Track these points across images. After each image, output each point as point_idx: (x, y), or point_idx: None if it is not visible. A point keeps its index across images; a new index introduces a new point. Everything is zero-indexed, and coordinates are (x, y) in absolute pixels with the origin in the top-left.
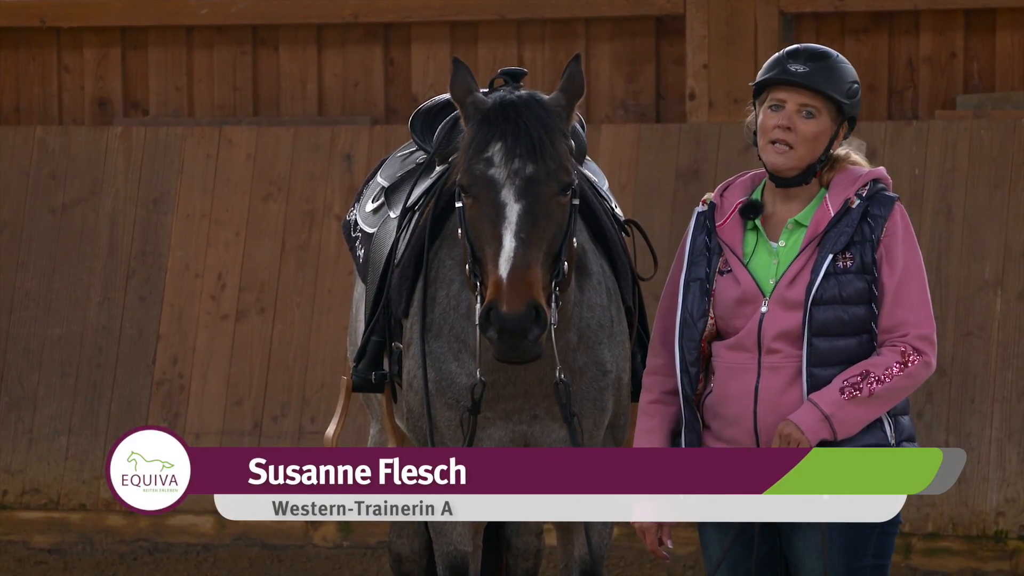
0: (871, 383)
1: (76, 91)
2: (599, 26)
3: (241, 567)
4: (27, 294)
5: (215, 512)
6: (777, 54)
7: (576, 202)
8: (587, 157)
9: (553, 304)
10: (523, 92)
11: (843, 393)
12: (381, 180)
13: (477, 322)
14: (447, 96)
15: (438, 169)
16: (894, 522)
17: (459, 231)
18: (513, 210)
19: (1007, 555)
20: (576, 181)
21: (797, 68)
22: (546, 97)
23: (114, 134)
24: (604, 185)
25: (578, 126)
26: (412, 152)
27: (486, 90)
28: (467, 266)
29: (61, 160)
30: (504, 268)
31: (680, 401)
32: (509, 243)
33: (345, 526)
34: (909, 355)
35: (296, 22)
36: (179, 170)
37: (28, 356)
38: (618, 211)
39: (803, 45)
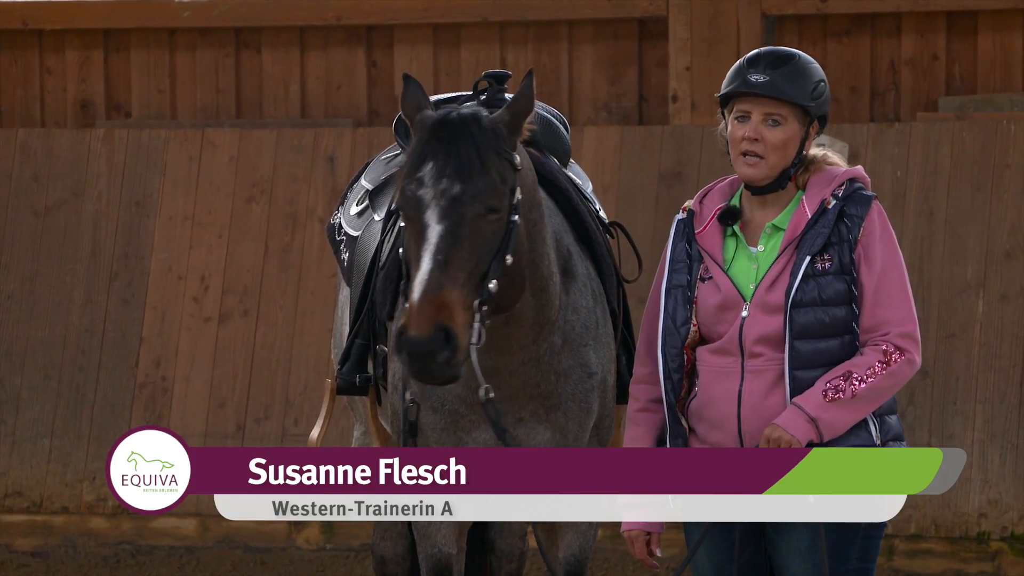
0: (854, 383)
1: (58, 93)
2: (582, 28)
3: (224, 569)
4: (9, 296)
5: (199, 514)
6: (738, 62)
7: (515, 219)
8: (571, 160)
9: (476, 324)
10: (467, 110)
11: (825, 396)
12: (365, 183)
13: (393, 345)
14: (433, 98)
15: None
16: (879, 525)
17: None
18: (434, 231)
19: (989, 556)
20: (514, 199)
21: (757, 78)
22: (488, 115)
23: (96, 136)
24: (588, 187)
25: (562, 128)
26: (396, 155)
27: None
28: (404, 285)
29: (43, 162)
30: (416, 291)
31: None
32: (425, 265)
33: (328, 528)
34: (891, 353)
35: (279, 24)
36: (162, 172)
37: (10, 359)
38: (602, 213)
39: (764, 50)
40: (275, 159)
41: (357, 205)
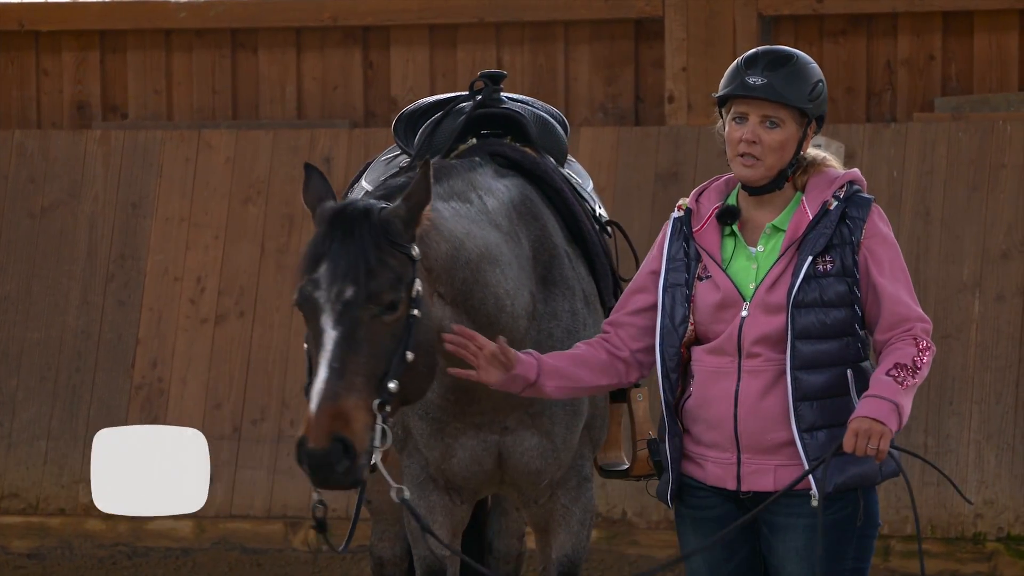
0: (910, 372)
1: (55, 95)
2: (578, 29)
3: (220, 571)
4: (6, 298)
5: (195, 516)
6: (735, 63)
7: (414, 313)
8: (571, 158)
9: (378, 425)
10: (361, 204)
11: (902, 383)
12: (365, 184)
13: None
14: (431, 99)
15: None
16: (874, 524)
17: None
18: (329, 337)
19: (985, 557)
20: (412, 293)
21: (755, 80)
22: (379, 208)
23: (93, 138)
24: (588, 186)
25: (559, 127)
26: (396, 155)
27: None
28: (307, 379)
29: (40, 164)
30: (313, 401)
31: (608, 357)
32: (322, 373)
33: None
34: (922, 342)
35: (275, 25)
36: (158, 174)
37: (7, 360)
38: (602, 212)
39: (762, 50)
40: (271, 160)
41: None
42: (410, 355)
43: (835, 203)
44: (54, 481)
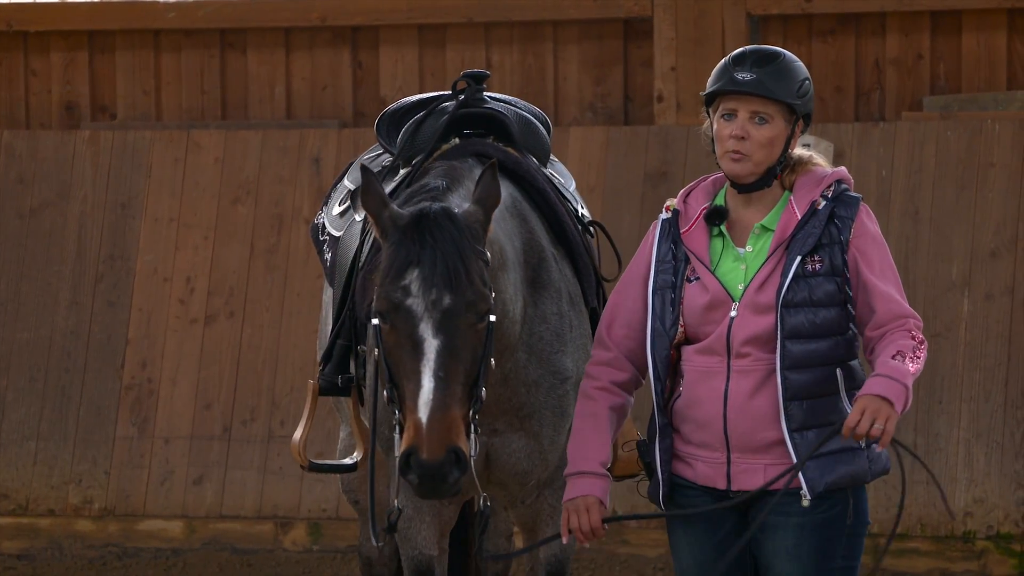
0: (913, 359)
1: (43, 95)
2: (567, 29)
3: (211, 572)
4: None
5: (185, 516)
6: (723, 60)
7: (492, 319)
8: (554, 158)
9: (473, 435)
10: (438, 206)
11: (911, 364)
12: (348, 183)
13: (397, 463)
14: (413, 98)
15: (402, 172)
16: (863, 523)
17: (375, 350)
18: (431, 346)
19: (975, 555)
20: (492, 304)
21: (744, 76)
22: (460, 212)
23: (82, 138)
24: (571, 186)
25: (541, 127)
26: (379, 155)
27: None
28: (386, 386)
29: (29, 164)
30: (423, 412)
31: (628, 398)
32: (428, 383)
33: (315, 530)
34: (918, 336)
35: (264, 25)
36: (147, 174)
37: None
38: (584, 212)
39: (750, 48)
40: (260, 160)
41: (340, 205)
42: (493, 361)
43: (823, 202)
44: (44, 482)
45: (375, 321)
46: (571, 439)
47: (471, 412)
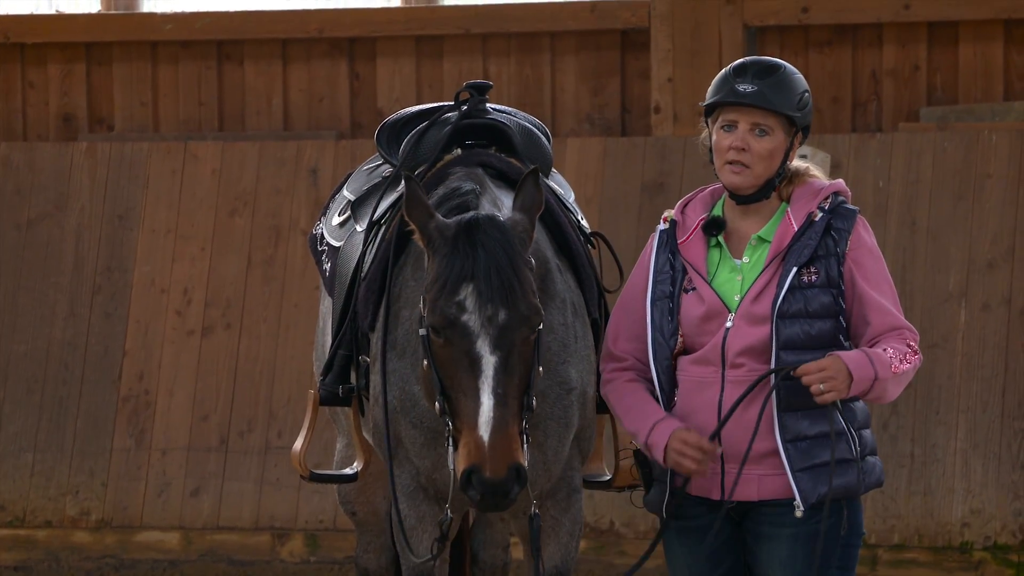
0: (902, 361)
1: (41, 107)
2: (564, 40)
3: None
4: None
5: (182, 528)
6: (724, 71)
7: (540, 327)
8: (553, 169)
9: (525, 446)
10: (484, 216)
11: (892, 367)
12: (347, 193)
13: (458, 481)
14: (414, 108)
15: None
16: (858, 533)
17: (424, 361)
18: (488, 363)
19: (973, 566)
20: (542, 314)
21: (745, 88)
22: (506, 220)
23: (79, 150)
24: (570, 197)
25: (543, 138)
26: (378, 165)
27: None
28: (438, 398)
29: (26, 176)
30: (485, 431)
31: (651, 387)
32: (487, 401)
33: (312, 541)
34: (914, 345)
35: (261, 37)
36: (144, 185)
37: None
38: (584, 223)
39: (750, 59)
40: (258, 172)
41: (339, 216)
42: (540, 369)
43: (820, 214)
44: (41, 493)
45: (422, 332)
46: (624, 416)
47: (524, 423)
